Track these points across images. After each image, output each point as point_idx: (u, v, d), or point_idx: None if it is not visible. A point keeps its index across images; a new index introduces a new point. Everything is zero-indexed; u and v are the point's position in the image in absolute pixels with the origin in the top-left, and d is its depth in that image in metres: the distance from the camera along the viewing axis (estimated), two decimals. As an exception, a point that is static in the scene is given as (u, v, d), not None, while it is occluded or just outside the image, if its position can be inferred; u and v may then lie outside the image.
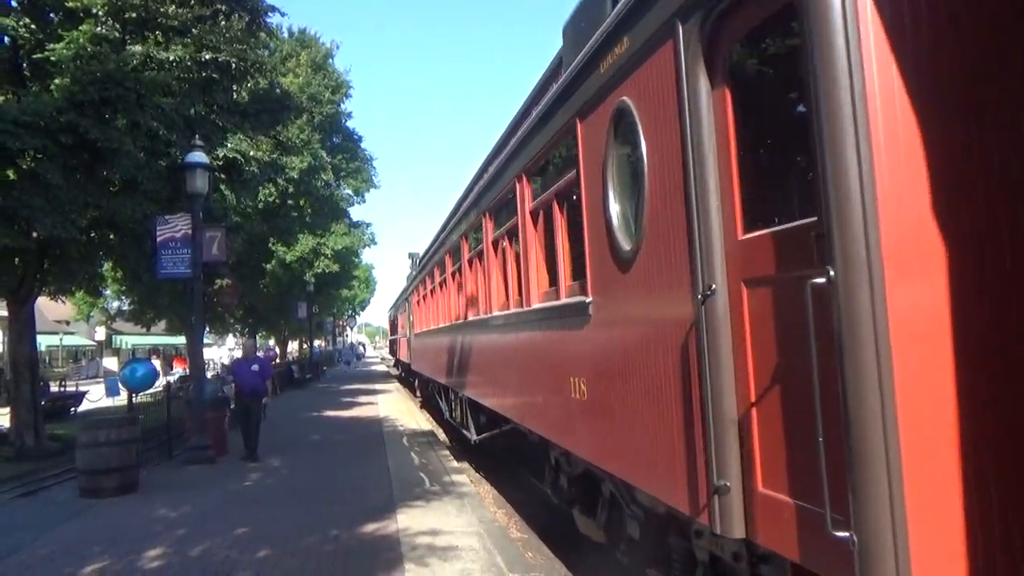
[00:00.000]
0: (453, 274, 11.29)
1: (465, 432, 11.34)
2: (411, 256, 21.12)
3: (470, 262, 9.58)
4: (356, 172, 33.86)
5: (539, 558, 6.96)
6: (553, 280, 5.64)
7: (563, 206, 5.41)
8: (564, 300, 5.18)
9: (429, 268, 15.08)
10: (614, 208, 4.09)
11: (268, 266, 27.40)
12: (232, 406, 13.25)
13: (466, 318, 9.86)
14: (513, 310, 6.87)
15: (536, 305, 5.95)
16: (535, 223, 6.16)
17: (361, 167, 34.13)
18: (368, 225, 37.28)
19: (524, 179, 6.30)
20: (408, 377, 27.05)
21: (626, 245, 3.90)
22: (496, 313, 7.71)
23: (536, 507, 8.69)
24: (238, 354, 14.85)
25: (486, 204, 8.11)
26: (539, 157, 5.89)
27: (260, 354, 36.72)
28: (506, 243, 7.35)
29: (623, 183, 4.05)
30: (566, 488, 6.10)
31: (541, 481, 7.58)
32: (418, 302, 18.51)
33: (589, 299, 4.46)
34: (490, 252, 8.07)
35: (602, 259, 4.26)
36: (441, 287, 13.04)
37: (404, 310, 25.56)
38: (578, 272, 5.02)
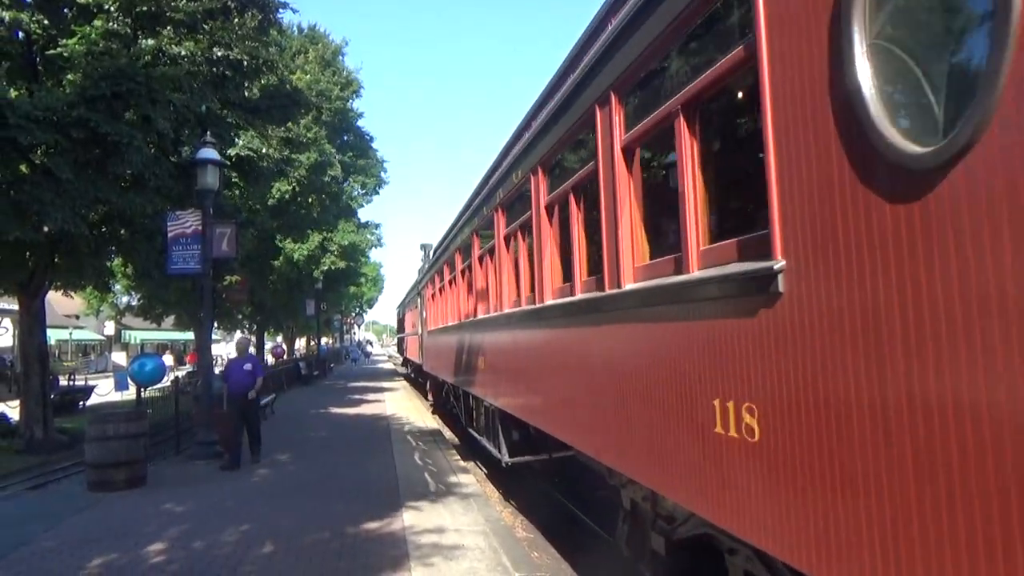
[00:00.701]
0: (482, 258, 9.35)
1: (491, 449, 9.27)
2: (423, 248, 19.53)
3: (508, 240, 7.75)
4: (365, 169, 33.99)
5: (545, 558, 6.95)
6: (665, 246, 3.90)
7: (699, 118, 3.43)
8: (700, 274, 3.26)
9: (448, 255, 12.96)
10: (867, 80, 2.21)
11: (276, 263, 27.51)
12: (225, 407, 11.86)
13: (500, 311, 8.00)
14: (581, 296, 5.04)
15: (630, 286, 4.11)
16: (628, 164, 4.20)
17: (370, 164, 34.25)
18: (377, 226, 37.44)
19: (613, 101, 4.29)
20: (418, 378, 25.61)
21: (909, 144, 2.04)
22: (550, 302, 5.82)
23: (542, 507, 8.68)
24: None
25: (537, 157, 6.16)
26: (645, 59, 3.87)
27: (269, 352, 36.52)
28: (569, 205, 5.39)
29: (910, 24, 2.18)
30: (660, 553, 4.44)
31: (603, 525, 6.75)
32: (433, 296, 16.44)
33: (777, 264, 2.58)
34: (542, 221, 6.14)
35: (822, 184, 2.40)
36: (464, 276, 11.17)
37: (415, 306, 23.98)
38: (733, 224, 3.33)
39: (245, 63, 13.15)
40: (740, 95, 3.28)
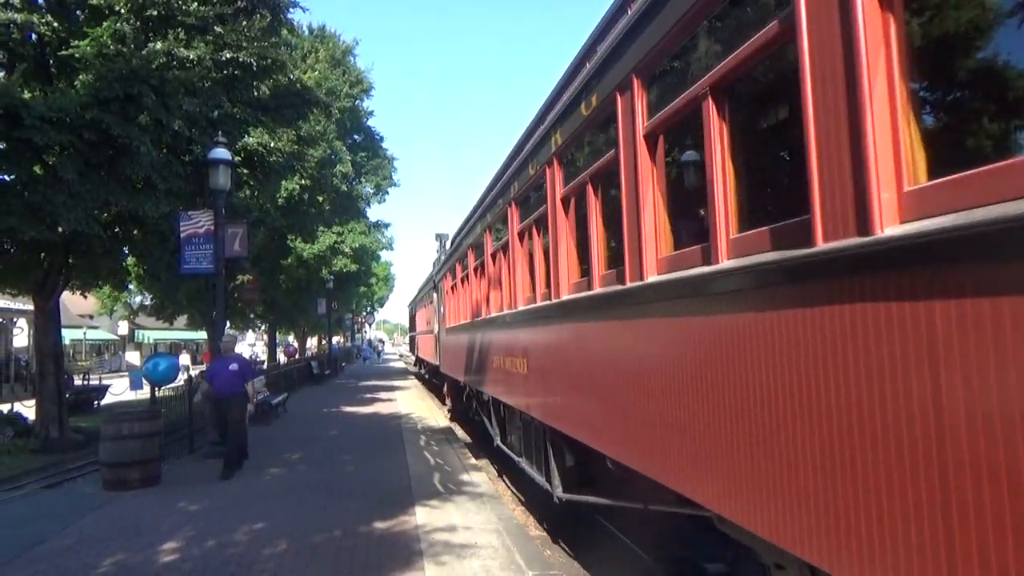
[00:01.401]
0: (523, 234, 7.49)
1: (537, 478, 7.32)
2: (439, 237, 17.82)
3: (568, 202, 5.81)
4: (376, 169, 34.11)
5: (557, 556, 6.94)
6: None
7: None
8: None
9: (474, 238, 10.73)
10: None
11: (286, 262, 27.62)
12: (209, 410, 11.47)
13: (555, 298, 5.94)
14: (729, 265, 3.11)
15: (896, 231, 2.15)
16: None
17: (382, 164, 34.38)
18: (387, 225, 37.55)
19: None
20: (433, 379, 24.01)
21: None
22: (656, 280, 3.88)
23: (555, 506, 8.66)
24: (258, 349, 14.88)
25: (633, 63, 4.12)
26: None
27: (281, 351, 36.41)
28: (706, 117, 3.32)
29: None
30: None
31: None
32: (452, 288, 14.12)
33: None
34: (639, 158, 4.05)
35: None
36: (495, 261, 9.03)
37: (429, 301, 22.20)
38: None
39: (254, 64, 13.19)
40: None
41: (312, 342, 54.70)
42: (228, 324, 27.45)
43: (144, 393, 15.40)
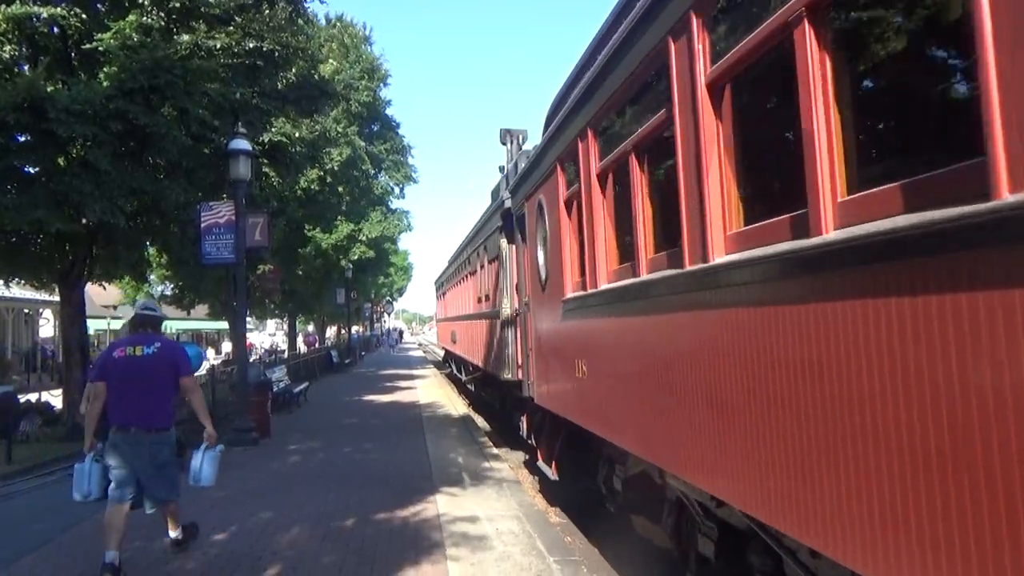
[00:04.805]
0: None
1: None
2: (506, 136, 11.16)
3: None
4: (396, 166, 34.19)
5: (578, 543, 6.97)
6: None
7: None
8: None
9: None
10: None
11: (304, 251, 27.74)
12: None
13: None
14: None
15: None
16: None
17: (400, 160, 34.41)
18: (406, 213, 37.63)
19: None
20: (481, 391, 16.96)
21: None
22: None
23: (575, 493, 8.68)
24: (278, 339, 14.97)
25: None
26: None
27: (301, 340, 36.46)
28: None
29: None
30: None
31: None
32: (608, 185, 5.23)
33: None
34: None
35: None
36: None
37: (481, 263, 14.38)
38: None
39: (276, 53, 13.26)
40: None
41: (331, 331, 55.05)
42: (248, 313, 27.71)
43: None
